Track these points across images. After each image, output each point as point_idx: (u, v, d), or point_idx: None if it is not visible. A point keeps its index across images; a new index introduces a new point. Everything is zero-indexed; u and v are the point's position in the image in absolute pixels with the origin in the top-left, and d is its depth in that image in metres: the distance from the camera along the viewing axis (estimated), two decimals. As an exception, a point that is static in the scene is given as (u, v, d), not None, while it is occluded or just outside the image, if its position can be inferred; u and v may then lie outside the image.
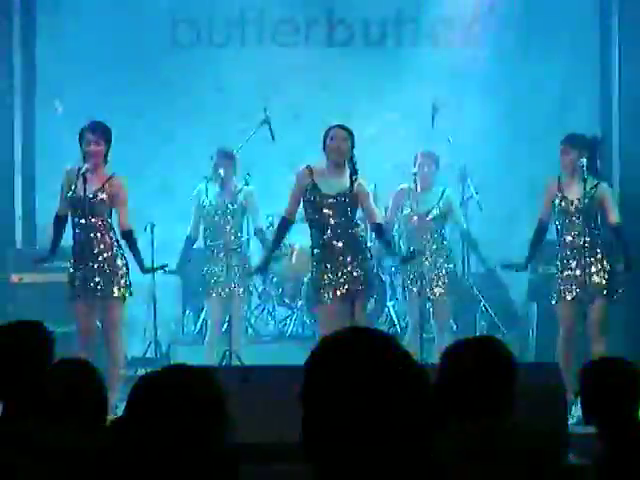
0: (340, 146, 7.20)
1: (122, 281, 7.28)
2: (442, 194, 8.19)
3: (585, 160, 7.29)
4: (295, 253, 9.25)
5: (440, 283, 8.12)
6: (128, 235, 7.34)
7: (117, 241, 7.34)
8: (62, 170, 7.44)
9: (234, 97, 10.09)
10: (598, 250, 7.38)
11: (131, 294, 7.35)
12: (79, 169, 7.23)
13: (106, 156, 7.31)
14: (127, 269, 7.34)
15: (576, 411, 6.57)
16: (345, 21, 10.48)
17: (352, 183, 7.18)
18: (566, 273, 7.40)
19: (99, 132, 7.23)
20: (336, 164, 7.25)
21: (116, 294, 7.27)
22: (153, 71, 10.11)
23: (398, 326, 9.11)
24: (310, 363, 1.96)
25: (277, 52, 10.33)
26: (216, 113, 10.05)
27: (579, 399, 3.84)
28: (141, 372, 7.57)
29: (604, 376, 3.69)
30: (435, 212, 8.12)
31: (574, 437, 5.30)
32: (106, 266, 7.25)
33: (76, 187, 7.23)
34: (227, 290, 8.15)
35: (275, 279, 9.42)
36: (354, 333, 2.00)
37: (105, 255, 7.26)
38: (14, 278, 8.87)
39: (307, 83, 10.16)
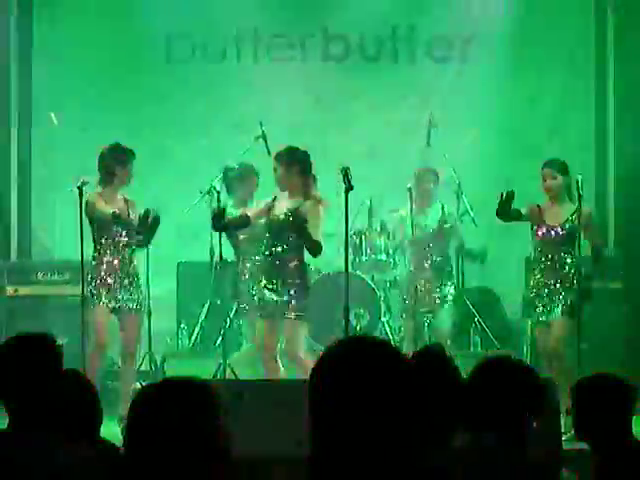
0: (277, 177, 7.22)
1: (142, 295, 7.38)
2: (442, 210, 8.19)
3: (573, 183, 7.33)
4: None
5: (438, 299, 8.12)
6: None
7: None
8: (85, 194, 7.31)
9: (230, 113, 10.11)
10: (570, 272, 7.36)
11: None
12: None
13: None
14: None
15: (569, 427, 6.57)
16: (341, 37, 10.51)
17: (305, 201, 7.07)
18: (537, 294, 7.41)
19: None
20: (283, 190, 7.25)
21: (140, 308, 7.36)
22: (149, 87, 10.13)
23: (392, 341, 9.12)
24: (314, 376, 1.98)
25: (272, 67, 10.36)
26: (212, 129, 10.06)
27: (571, 415, 3.85)
28: (136, 385, 7.57)
29: (596, 392, 3.71)
30: (436, 228, 8.13)
31: (567, 453, 5.32)
32: (130, 281, 7.34)
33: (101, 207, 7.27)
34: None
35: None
36: (356, 343, 2.02)
37: (129, 271, 7.37)
38: (9, 290, 8.87)
39: (303, 98, 10.18)
